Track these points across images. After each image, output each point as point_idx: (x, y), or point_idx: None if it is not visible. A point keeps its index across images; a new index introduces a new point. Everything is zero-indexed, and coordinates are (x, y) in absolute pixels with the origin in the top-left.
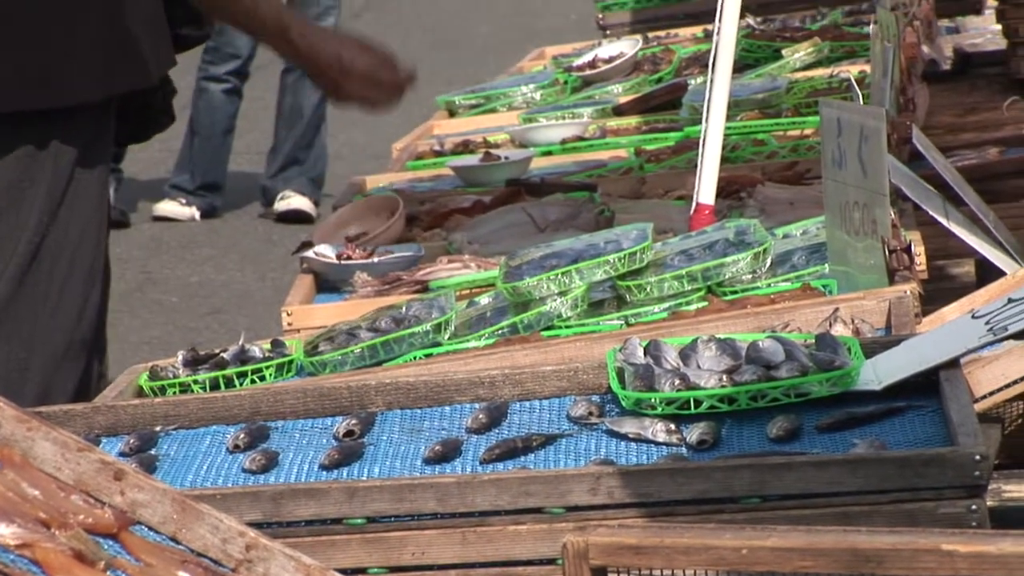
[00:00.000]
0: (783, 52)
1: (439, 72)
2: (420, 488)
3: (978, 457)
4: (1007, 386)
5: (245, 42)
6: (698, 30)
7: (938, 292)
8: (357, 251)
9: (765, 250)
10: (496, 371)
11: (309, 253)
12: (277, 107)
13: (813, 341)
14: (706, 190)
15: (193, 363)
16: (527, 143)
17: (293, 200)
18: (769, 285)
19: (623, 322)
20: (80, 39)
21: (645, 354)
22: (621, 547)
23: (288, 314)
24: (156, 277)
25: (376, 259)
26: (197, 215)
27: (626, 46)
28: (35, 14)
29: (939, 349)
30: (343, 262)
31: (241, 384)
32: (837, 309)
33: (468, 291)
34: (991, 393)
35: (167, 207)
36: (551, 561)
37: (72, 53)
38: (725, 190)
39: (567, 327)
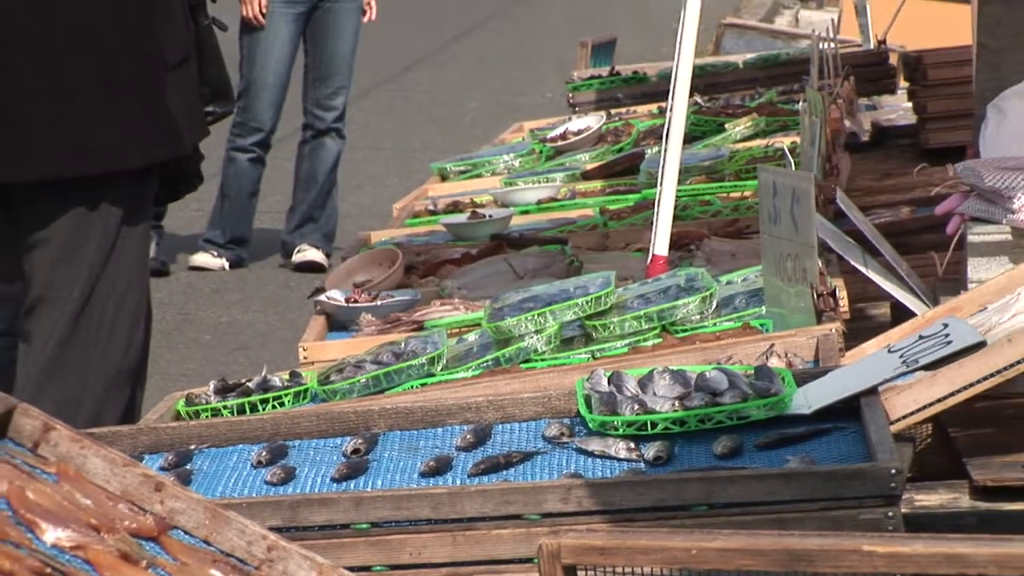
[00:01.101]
0: (726, 126)
1: (433, 143)
2: (417, 498)
3: (893, 471)
4: (918, 410)
5: (268, 117)
6: (653, 107)
7: (858, 330)
8: (363, 296)
9: (711, 295)
10: (481, 398)
11: (322, 297)
12: (295, 173)
13: (752, 372)
14: (661, 243)
15: (223, 391)
16: (508, 203)
17: (308, 252)
18: (715, 324)
19: (590, 356)
20: (124, 115)
21: (609, 383)
22: (589, 548)
23: (304, 349)
24: (192, 318)
25: (379, 302)
26: (227, 265)
27: (592, 121)
28: (87, 96)
29: (860, 379)
30: (351, 305)
31: (264, 409)
32: (772, 345)
33: (458, 330)
34: (904, 416)
35: (201, 258)
36: (529, 560)
37: (117, 127)
38: (677, 243)
39: (542, 360)
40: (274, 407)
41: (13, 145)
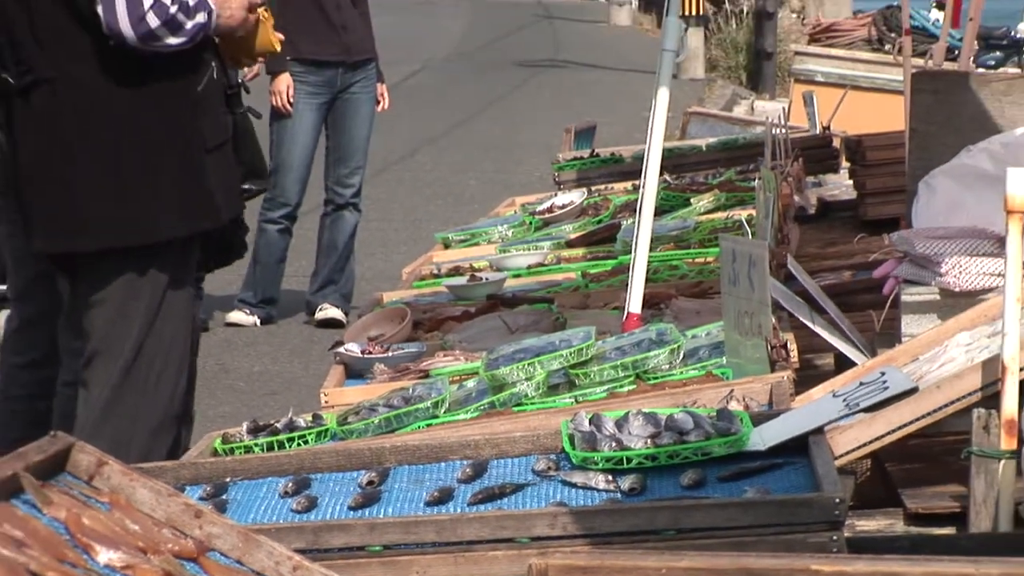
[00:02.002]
0: (691, 200)
1: (437, 216)
2: (423, 524)
3: (838, 500)
4: (859, 447)
5: (294, 194)
6: (628, 184)
7: (806, 378)
8: (376, 348)
9: (679, 347)
10: (479, 437)
11: (341, 349)
12: (318, 242)
13: (715, 414)
14: (635, 302)
15: (254, 431)
16: (502, 268)
17: (329, 311)
18: (682, 373)
19: (573, 400)
20: (169, 192)
21: (590, 424)
22: (573, 568)
23: (325, 395)
24: (228, 368)
25: (390, 354)
26: (258, 322)
27: (575, 196)
28: (138, 177)
29: (808, 420)
30: (366, 356)
31: (290, 447)
32: (732, 390)
33: (458, 377)
34: (847, 453)
35: (236, 316)
36: None
37: (163, 203)
38: (649, 302)
39: (532, 404)
40: (299, 445)
41: (76, 220)
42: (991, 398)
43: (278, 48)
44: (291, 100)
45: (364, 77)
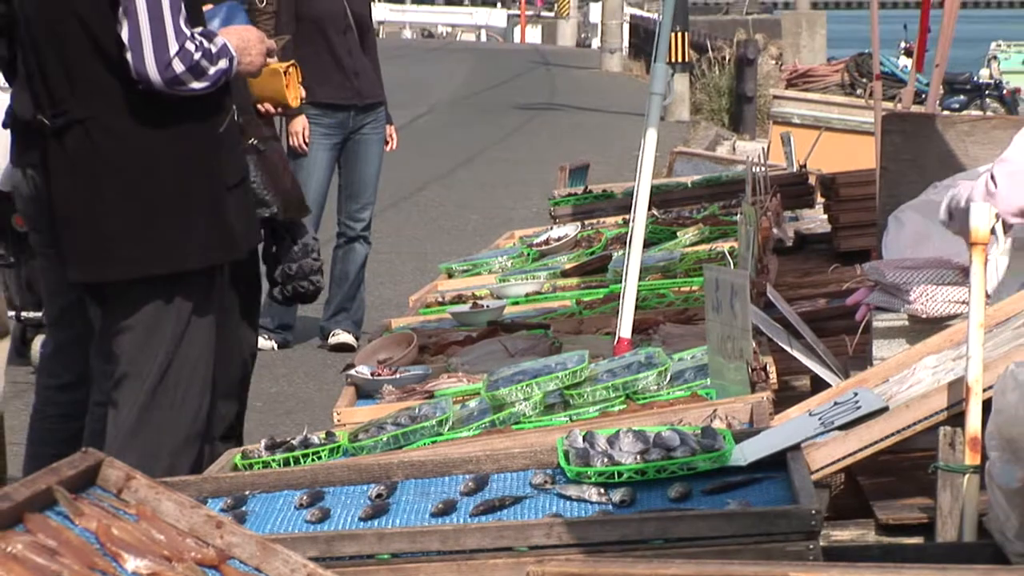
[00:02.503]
0: (677, 234)
1: (442, 248)
2: (428, 534)
3: (814, 512)
4: (833, 463)
5: (309, 227)
6: (619, 219)
7: (785, 398)
8: (385, 370)
9: (666, 369)
10: (480, 453)
11: (352, 372)
12: (330, 272)
13: (699, 432)
14: (625, 328)
15: (272, 447)
16: (502, 296)
17: (341, 336)
18: (669, 393)
19: (568, 419)
20: (192, 226)
21: (583, 441)
22: (567, 575)
23: (338, 414)
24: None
25: (398, 376)
26: (276, 346)
27: (570, 229)
28: (163, 211)
29: (787, 437)
30: (375, 378)
31: (305, 462)
32: (716, 410)
33: (461, 398)
34: (822, 468)
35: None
36: None
37: (186, 236)
38: (638, 328)
39: (529, 422)
40: (313, 460)
41: (106, 252)
42: (956, 417)
43: (292, 103)
44: (307, 140)
45: (374, 119)
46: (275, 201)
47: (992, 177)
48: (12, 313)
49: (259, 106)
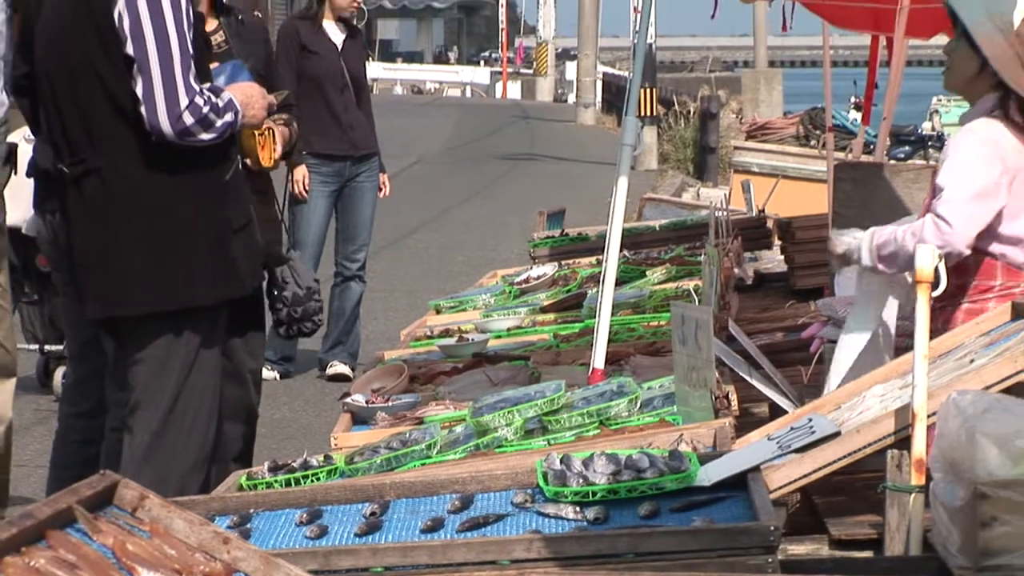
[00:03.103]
0: (647, 273)
1: (431, 286)
2: (418, 548)
3: (772, 528)
4: (790, 483)
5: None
6: (593, 259)
7: (745, 424)
8: (378, 398)
9: (636, 397)
10: (466, 474)
11: (348, 400)
12: (328, 308)
13: (667, 454)
14: (599, 359)
15: (274, 469)
16: (486, 330)
17: (338, 367)
18: (639, 419)
19: (547, 443)
20: (201, 265)
21: (560, 463)
22: None
23: (335, 438)
24: None
25: (390, 403)
26: (278, 376)
27: (548, 269)
28: (173, 251)
29: (747, 459)
30: (370, 405)
31: (305, 483)
32: (682, 434)
33: (448, 424)
34: (780, 487)
35: None
36: None
37: (195, 274)
38: (611, 359)
39: (511, 446)
40: (312, 481)
41: (119, 289)
42: (903, 441)
43: (264, 163)
44: (306, 188)
45: (368, 169)
46: None
47: (941, 218)
48: (36, 346)
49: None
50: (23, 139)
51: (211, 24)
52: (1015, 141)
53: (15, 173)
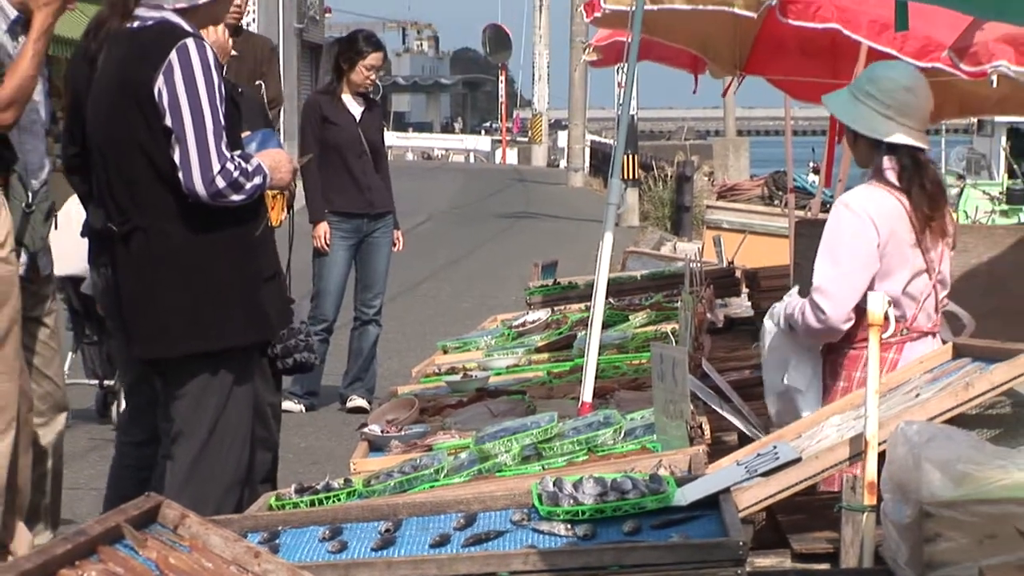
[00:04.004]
0: (630, 317)
1: (438, 330)
2: (428, 561)
3: (741, 543)
4: (757, 503)
5: (331, 313)
6: (582, 305)
7: (717, 451)
8: (392, 428)
9: (621, 427)
10: (470, 495)
11: (365, 430)
12: (349, 349)
13: (648, 478)
14: (587, 393)
15: (300, 491)
16: (487, 368)
17: (357, 401)
18: (623, 447)
19: (541, 467)
20: (234, 311)
21: (553, 485)
22: None
23: (354, 464)
24: (281, 444)
25: (403, 432)
26: (304, 409)
27: (542, 314)
28: (210, 298)
29: (719, 482)
30: (385, 435)
31: (327, 503)
32: (661, 460)
33: (454, 450)
34: (748, 507)
35: (287, 404)
36: None
37: (229, 319)
38: (598, 394)
39: (510, 470)
40: (333, 502)
41: (162, 333)
42: (857, 465)
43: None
44: (328, 242)
45: (383, 225)
46: None
47: (817, 307)
48: (95, 381)
49: None
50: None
51: None
52: (889, 204)
53: (55, 228)
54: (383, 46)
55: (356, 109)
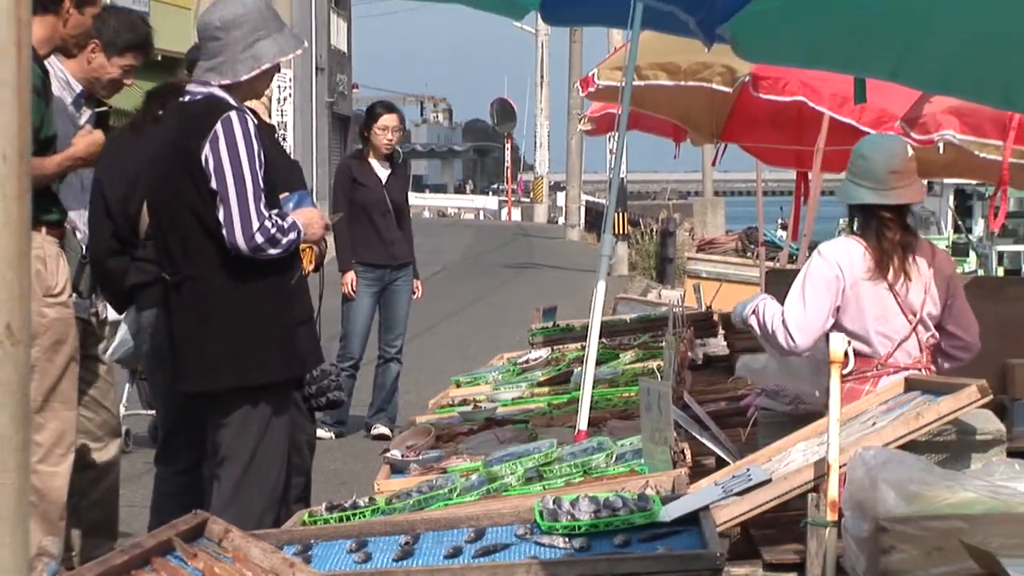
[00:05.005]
0: (620, 355)
1: (451, 367)
2: (442, 571)
3: (719, 554)
4: (733, 519)
5: (357, 351)
6: (578, 345)
7: (697, 473)
8: (411, 453)
9: (612, 452)
10: (480, 512)
11: (388, 454)
12: (373, 383)
13: (637, 497)
14: (583, 422)
15: (330, 509)
16: (495, 400)
17: (380, 429)
18: (614, 470)
19: (543, 488)
20: (271, 348)
21: (553, 504)
22: None
23: (377, 485)
24: (314, 468)
25: (420, 457)
26: (333, 436)
27: (543, 352)
28: (250, 337)
29: (699, 501)
30: (405, 459)
31: (354, 519)
32: (648, 481)
33: (466, 473)
34: (725, 522)
35: (319, 432)
36: None
37: (267, 356)
38: (592, 423)
39: (515, 490)
40: (360, 518)
41: (208, 369)
42: (820, 486)
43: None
44: (355, 289)
45: (404, 275)
46: None
47: (789, 336)
48: (151, 411)
49: None
50: None
51: None
52: (856, 252)
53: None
54: (396, 109)
55: (383, 172)
